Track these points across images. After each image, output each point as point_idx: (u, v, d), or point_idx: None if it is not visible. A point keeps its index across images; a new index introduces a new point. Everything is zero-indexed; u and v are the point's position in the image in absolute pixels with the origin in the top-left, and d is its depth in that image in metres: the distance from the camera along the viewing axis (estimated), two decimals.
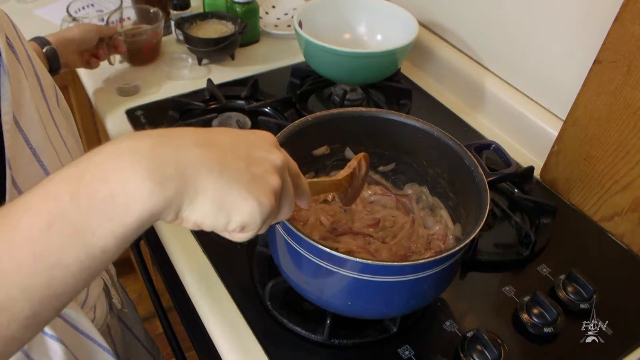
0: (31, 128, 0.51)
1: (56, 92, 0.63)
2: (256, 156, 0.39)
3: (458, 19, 1.07)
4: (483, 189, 0.62)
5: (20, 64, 0.51)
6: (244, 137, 0.41)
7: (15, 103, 0.48)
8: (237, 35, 1.09)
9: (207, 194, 0.36)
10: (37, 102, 0.53)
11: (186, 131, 0.38)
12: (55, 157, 0.55)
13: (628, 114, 0.74)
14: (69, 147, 0.61)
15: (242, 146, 0.39)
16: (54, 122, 0.58)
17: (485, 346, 0.62)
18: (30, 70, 0.54)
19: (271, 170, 0.40)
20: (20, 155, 0.50)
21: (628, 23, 0.71)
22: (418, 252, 0.69)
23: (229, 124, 0.91)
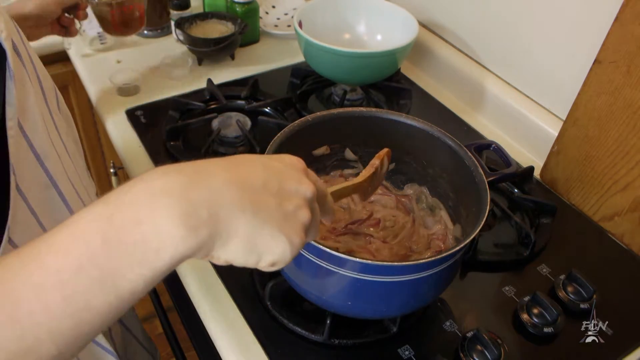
0: (35, 133, 0.50)
1: (57, 95, 0.62)
2: (287, 190, 0.39)
3: (458, 19, 1.07)
4: (483, 189, 0.62)
5: (25, 67, 0.51)
6: (274, 169, 0.40)
7: (20, 107, 0.48)
8: (237, 35, 1.09)
9: (240, 236, 0.36)
10: (40, 106, 0.53)
11: (218, 167, 0.37)
12: (59, 162, 0.54)
13: (628, 114, 0.74)
14: (70, 151, 0.60)
15: (273, 180, 0.39)
16: (55, 126, 0.57)
17: (485, 346, 0.62)
18: (33, 73, 0.54)
19: (302, 204, 0.40)
20: (24, 160, 0.49)
21: (628, 23, 0.71)
22: (419, 252, 0.69)
23: (229, 124, 0.91)
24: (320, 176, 0.77)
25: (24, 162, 0.48)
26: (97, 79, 1.06)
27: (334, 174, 0.78)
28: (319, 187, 0.44)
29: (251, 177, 0.38)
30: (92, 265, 0.31)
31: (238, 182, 0.37)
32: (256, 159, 0.41)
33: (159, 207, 0.33)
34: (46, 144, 0.52)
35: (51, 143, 0.53)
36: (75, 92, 1.32)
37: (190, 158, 0.89)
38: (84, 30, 1.10)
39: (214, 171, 0.37)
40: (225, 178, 0.36)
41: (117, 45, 1.16)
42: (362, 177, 0.62)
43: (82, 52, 1.13)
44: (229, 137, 0.91)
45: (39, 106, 0.52)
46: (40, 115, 0.52)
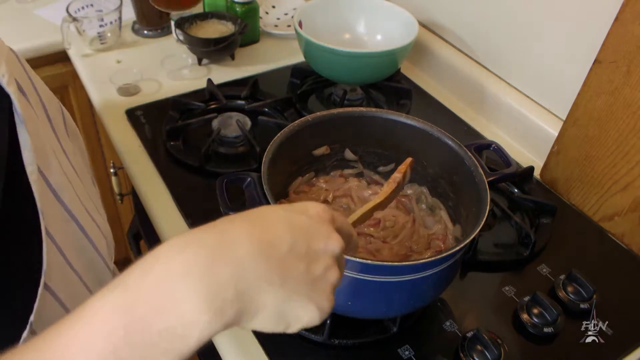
0: (50, 170, 0.48)
1: (63, 115, 0.60)
2: (315, 250, 0.37)
3: (458, 19, 1.07)
4: (483, 189, 0.62)
5: (30, 104, 0.48)
6: (300, 226, 0.38)
7: (35, 148, 0.46)
8: (237, 35, 1.09)
9: (267, 309, 0.35)
10: (49, 139, 0.51)
11: (241, 232, 0.35)
12: (72, 190, 0.52)
13: (628, 114, 0.74)
14: (79, 171, 0.58)
15: (300, 241, 0.37)
16: (64, 151, 0.55)
17: (485, 346, 0.62)
18: (38, 104, 0.52)
19: (331, 264, 0.38)
20: (46, 201, 0.47)
21: (628, 23, 0.71)
22: (419, 252, 0.69)
23: (229, 124, 0.91)
24: (320, 176, 0.77)
25: (46, 203, 0.47)
26: (97, 79, 1.06)
27: (334, 174, 0.78)
28: (346, 230, 0.43)
29: (277, 240, 0.36)
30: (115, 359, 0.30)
31: (264, 250, 0.35)
32: (281, 215, 0.38)
33: (181, 292, 0.31)
34: (60, 177, 0.50)
35: (63, 173, 0.51)
36: (75, 92, 1.32)
37: (191, 158, 0.89)
38: (84, 30, 1.11)
39: (237, 239, 0.34)
40: (250, 248, 0.34)
41: (117, 45, 1.16)
42: (384, 195, 0.61)
43: (82, 52, 1.13)
44: (229, 137, 0.91)
45: (49, 139, 0.51)
46: (51, 149, 0.50)
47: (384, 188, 0.63)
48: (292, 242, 0.36)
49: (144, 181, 0.86)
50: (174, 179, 0.86)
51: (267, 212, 0.39)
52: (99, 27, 1.11)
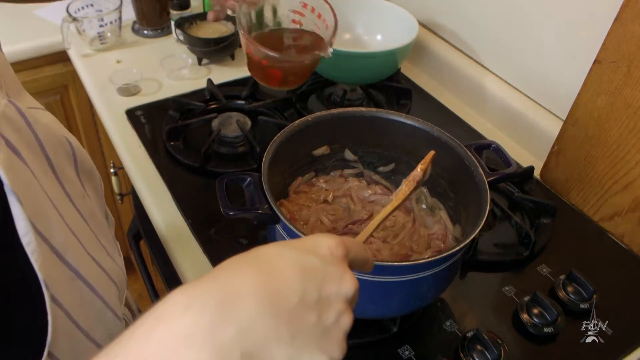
0: (52, 230, 0.44)
1: (74, 156, 0.53)
2: (327, 295, 0.35)
3: (458, 19, 1.07)
4: (483, 189, 0.62)
5: (25, 162, 0.43)
6: (311, 270, 0.35)
7: (33, 213, 0.42)
8: (237, 35, 1.09)
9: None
10: (50, 190, 0.46)
11: (247, 283, 0.33)
12: (78, 245, 0.49)
13: (628, 114, 0.74)
14: (89, 215, 0.53)
15: (311, 288, 0.34)
16: (69, 199, 0.50)
17: (485, 346, 0.62)
18: (38, 155, 0.46)
19: (343, 309, 0.36)
20: (50, 266, 0.44)
21: (628, 23, 0.71)
22: (419, 251, 0.69)
23: (229, 124, 0.91)
24: (320, 176, 0.77)
25: (49, 267, 0.43)
26: (97, 79, 1.06)
27: (334, 174, 0.78)
28: (361, 258, 0.41)
29: (286, 290, 0.33)
30: None
31: (271, 303, 0.32)
32: (290, 259, 0.35)
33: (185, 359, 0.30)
34: (64, 235, 0.46)
35: (67, 228, 0.48)
36: (75, 92, 1.32)
37: (191, 158, 0.89)
38: (84, 30, 1.11)
39: (242, 294, 0.32)
40: (256, 302, 0.32)
41: (117, 45, 1.16)
42: (403, 196, 0.57)
43: (82, 52, 1.13)
44: (229, 137, 0.91)
45: (50, 192, 0.46)
46: (53, 206, 0.46)
47: (403, 188, 0.60)
48: (302, 292, 0.34)
49: (144, 181, 0.86)
50: (174, 179, 0.86)
51: (275, 253, 0.36)
52: (99, 27, 1.11)
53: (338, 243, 0.38)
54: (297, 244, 0.37)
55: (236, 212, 0.59)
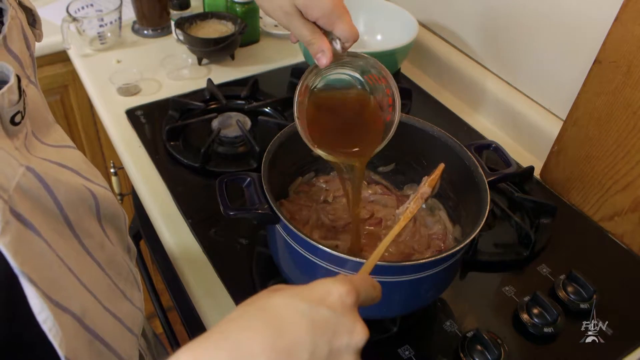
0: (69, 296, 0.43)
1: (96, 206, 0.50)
2: (338, 348, 0.35)
3: (458, 19, 1.07)
4: (483, 189, 0.62)
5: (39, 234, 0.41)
6: (322, 324, 0.35)
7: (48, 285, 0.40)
8: (237, 35, 1.09)
9: None
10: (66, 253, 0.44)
11: (256, 345, 0.32)
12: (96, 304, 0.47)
13: (628, 114, 0.74)
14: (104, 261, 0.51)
15: (322, 342, 0.34)
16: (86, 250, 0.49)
17: (485, 346, 0.62)
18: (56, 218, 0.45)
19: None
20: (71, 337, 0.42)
21: (628, 23, 0.71)
22: (420, 251, 0.69)
23: (229, 124, 0.91)
24: (320, 176, 0.77)
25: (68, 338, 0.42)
26: (97, 79, 1.06)
27: (334, 173, 0.78)
28: (370, 297, 0.41)
29: (296, 347, 0.33)
30: None
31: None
32: (300, 312, 0.35)
33: None
34: (80, 297, 0.45)
35: (83, 288, 0.46)
36: (75, 92, 1.32)
37: (191, 158, 0.89)
38: (84, 30, 1.11)
39: (252, 354, 0.32)
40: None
41: (117, 45, 1.16)
42: (411, 214, 0.57)
43: (82, 52, 1.13)
44: (229, 137, 0.91)
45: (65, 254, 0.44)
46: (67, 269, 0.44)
47: (411, 206, 0.58)
48: (313, 347, 0.33)
49: (144, 181, 0.86)
50: (174, 179, 0.86)
51: (283, 306, 0.35)
52: (99, 27, 1.11)
53: (349, 290, 0.37)
54: (307, 293, 0.37)
55: (236, 212, 0.59)
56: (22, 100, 0.40)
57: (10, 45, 0.43)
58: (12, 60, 0.43)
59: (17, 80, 0.39)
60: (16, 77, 0.39)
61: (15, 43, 0.44)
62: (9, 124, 0.39)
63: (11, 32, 0.43)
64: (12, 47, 0.43)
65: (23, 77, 0.41)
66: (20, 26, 0.46)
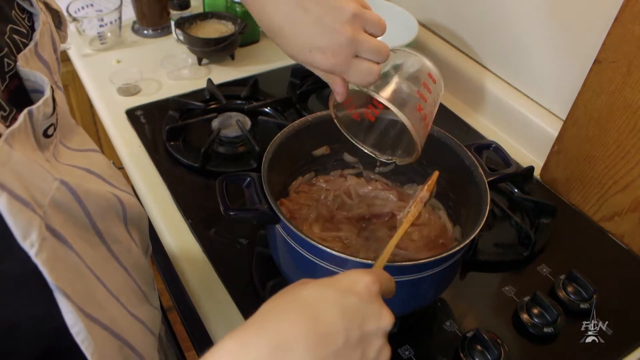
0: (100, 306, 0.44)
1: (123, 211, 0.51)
2: (368, 333, 0.37)
3: (458, 19, 1.07)
4: (483, 189, 0.62)
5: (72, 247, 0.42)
6: (352, 311, 0.37)
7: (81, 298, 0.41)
8: (237, 35, 1.09)
9: None
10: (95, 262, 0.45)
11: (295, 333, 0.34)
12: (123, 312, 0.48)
13: (628, 114, 0.74)
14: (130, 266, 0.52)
15: (354, 328, 0.36)
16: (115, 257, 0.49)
17: (485, 346, 0.62)
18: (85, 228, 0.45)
19: (383, 344, 0.38)
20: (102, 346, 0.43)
21: (628, 23, 0.71)
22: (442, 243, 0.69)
23: (229, 124, 0.91)
24: (320, 176, 0.77)
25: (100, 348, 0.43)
26: (97, 79, 1.06)
27: (334, 173, 0.78)
28: (390, 289, 0.43)
29: (332, 333, 0.35)
30: None
31: (320, 347, 0.34)
32: (332, 300, 0.37)
33: None
34: (110, 305, 0.46)
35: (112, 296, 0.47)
36: (75, 92, 1.32)
37: (191, 158, 0.89)
38: (84, 30, 1.11)
39: (293, 339, 0.34)
40: (307, 348, 0.34)
41: (117, 45, 1.16)
42: (413, 217, 0.59)
43: (82, 52, 1.13)
44: (229, 137, 0.91)
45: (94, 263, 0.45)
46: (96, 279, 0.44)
47: (412, 210, 0.61)
48: (346, 333, 0.36)
49: (144, 181, 0.86)
50: (174, 179, 0.86)
51: (316, 297, 0.38)
52: (99, 27, 1.11)
53: (374, 280, 0.40)
54: (335, 283, 0.39)
55: (236, 212, 0.59)
56: (55, 113, 0.40)
57: (42, 52, 0.43)
58: (42, 68, 0.43)
59: (51, 92, 0.39)
60: (51, 89, 0.39)
61: (46, 49, 0.44)
62: (42, 136, 0.39)
63: (42, 38, 0.43)
64: (42, 53, 0.43)
65: (53, 85, 0.41)
66: (50, 30, 0.45)
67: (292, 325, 0.35)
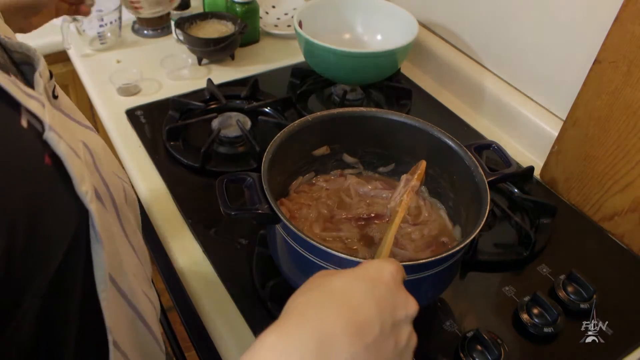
0: (121, 273, 0.45)
1: (124, 191, 0.52)
2: (399, 320, 0.38)
3: (458, 19, 1.07)
4: (483, 189, 0.62)
5: (106, 208, 0.43)
6: (384, 301, 0.38)
7: (111, 261, 0.42)
8: (237, 35, 1.09)
9: None
10: (117, 234, 0.46)
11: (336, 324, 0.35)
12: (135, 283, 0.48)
13: (628, 114, 0.74)
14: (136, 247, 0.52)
15: (387, 316, 0.37)
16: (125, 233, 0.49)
17: (485, 346, 0.62)
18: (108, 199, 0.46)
19: (411, 330, 0.39)
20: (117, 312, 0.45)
21: (628, 23, 0.71)
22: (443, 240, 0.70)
23: (229, 124, 0.91)
24: (320, 176, 0.77)
25: (114, 311, 0.44)
26: (97, 79, 1.06)
27: (334, 173, 0.78)
28: (404, 277, 0.44)
29: (369, 323, 0.36)
30: None
31: (361, 338, 0.35)
32: (364, 290, 0.38)
33: None
34: (128, 276, 0.46)
35: (131, 270, 0.48)
36: (75, 92, 1.32)
37: (191, 158, 0.89)
38: (84, 30, 1.11)
39: (335, 332, 0.35)
40: (349, 340, 0.35)
41: (117, 45, 1.16)
42: (407, 206, 0.61)
43: (82, 52, 1.13)
44: (229, 137, 0.91)
45: (119, 236, 0.46)
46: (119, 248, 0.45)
47: (405, 199, 0.62)
48: (381, 322, 0.37)
49: (144, 181, 0.86)
50: (174, 179, 0.86)
51: (349, 288, 0.38)
52: (99, 27, 1.11)
53: (398, 269, 0.41)
54: (362, 273, 0.40)
55: (236, 212, 0.59)
56: (53, 77, 0.43)
57: None
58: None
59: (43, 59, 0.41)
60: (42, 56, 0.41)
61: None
62: (52, 97, 0.41)
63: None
64: None
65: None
66: None
67: (332, 318, 0.35)
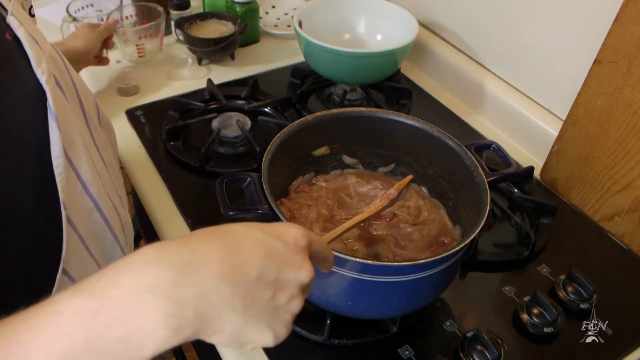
0: (80, 163, 0.51)
1: (97, 109, 0.62)
2: (284, 279, 0.38)
3: (458, 19, 1.07)
4: (483, 189, 0.62)
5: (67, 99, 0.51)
6: (275, 254, 0.38)
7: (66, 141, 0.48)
8: (237, 35, 1.09)
9: (225, 332, 0.36)
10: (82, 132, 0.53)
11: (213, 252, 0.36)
12: (100, 184, 0.54)
13: (628, 114, 0.74)
14: (108, 164, 0.60)
15: (271, 269, 0.37)
16: (95, 144, 0.57)
17: (485, 346, 0.62)
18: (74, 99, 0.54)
19: (296, 294, 0.39)
20: (73, 192, 0.50)
21: (628, 23, 0.71)
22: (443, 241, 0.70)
23: (229, 124, 0.91)
24: (320, 176, 0.77)
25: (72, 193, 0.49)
26: (97, 79, 1.06)
27: (334, 173, 0.78)
28: (322, 255, 0.44)
29: (247, 265, 0.36)
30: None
31: (232, 274, 0.35)
32: (256, 239, 0.38)
33: (144, 307, 0.33)
34: (90, 171, 0.52)
35: (93, 166, 0.53)
36: None
37: (191, 158, 0.89)
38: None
39: (208, 260, 0.35)
40: (218, 270, 0.35)
41: (117, 45, 1.16)
42: (374, 210, 0.62)
43: None
44: (229, 137, 0.91)
45: (81, 132, 0.52)
46: (83, 143, 0.52)
47: (376, 203, 0.63)
48: (262, 269, 0.37)
49: (144, 181, 0.86)
50: (174, 179, 0.86)
51: (243, 232, 0.39)
52: None
53: (303, 234, 0.41)
54: (266, 227, 0.40)
55: (236, 212, 0.59)
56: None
57: None
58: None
59: None
60: None
61: None
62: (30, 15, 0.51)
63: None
64: None
65: None
66: None
67: (210, 249, 0.36)
